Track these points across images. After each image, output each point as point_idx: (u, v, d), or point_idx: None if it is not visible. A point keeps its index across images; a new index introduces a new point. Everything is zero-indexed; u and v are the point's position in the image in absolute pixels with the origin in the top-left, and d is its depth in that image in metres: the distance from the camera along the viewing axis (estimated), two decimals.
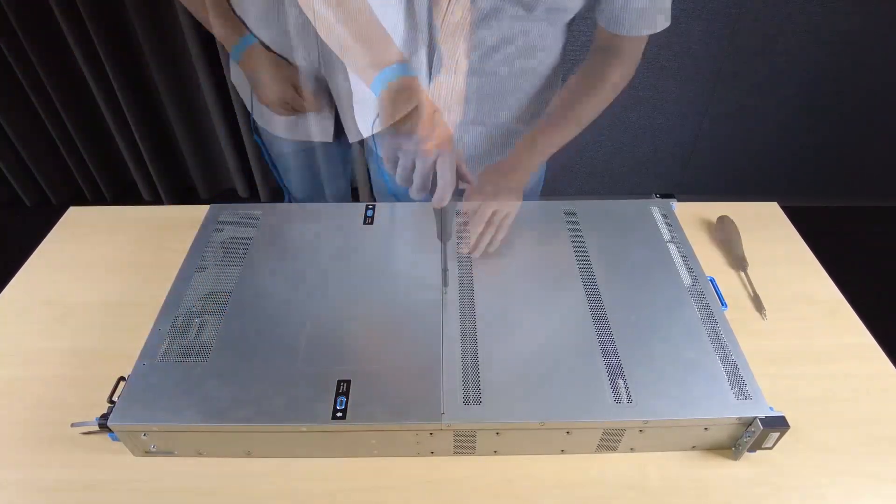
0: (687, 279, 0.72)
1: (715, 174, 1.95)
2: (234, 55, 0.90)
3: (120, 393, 0.59)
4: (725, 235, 0.86)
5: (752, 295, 0.79)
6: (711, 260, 0.84)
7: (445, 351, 0.63)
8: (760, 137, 1.84)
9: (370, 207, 0.82)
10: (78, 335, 0.73)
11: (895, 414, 0.65)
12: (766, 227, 0.90)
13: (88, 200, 1.99)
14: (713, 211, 0.91)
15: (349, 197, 1.16)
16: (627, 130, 1.80)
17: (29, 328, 0.74)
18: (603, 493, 0.59)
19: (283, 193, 1.16)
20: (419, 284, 0.71)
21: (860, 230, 1.91)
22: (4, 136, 1.77)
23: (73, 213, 0.93)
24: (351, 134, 0.92)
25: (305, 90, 0.91)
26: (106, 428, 0.57)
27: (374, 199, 1.11)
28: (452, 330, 0.65)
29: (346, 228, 0.79)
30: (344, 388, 0.59)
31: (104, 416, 0.57)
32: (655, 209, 0.83)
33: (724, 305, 0.70)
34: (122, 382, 0.61)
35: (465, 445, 0.60)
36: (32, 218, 1.91)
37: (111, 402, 0.60)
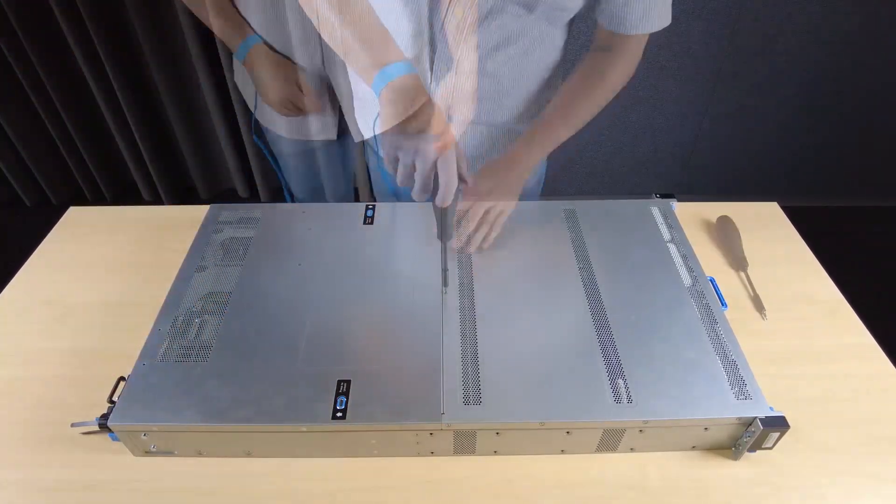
0: (687, 279, 0.72)
1: (715, 174, 1.95)
2: (238, 55, 0.90)
3: (120, 393, 0.59)
4: (725, 235, 0.86)
5: (752, 295, 0.79)
6: (711, 260, 0.84)
7: (445, 351, 0.63)
8: (760, 137, 1.84)
9: (370, 207, 0.82)
10: (78, 335, 0.73)
11: (895, 414, 0.65)
12: (766, 227, 0.90)
13: (88, 200, 1.99)
14: (713, 211, 0.91)
15: (352, 196, 1.16)
16: (627, 130, 1.80)
17: (29, 328, 0.74)
18: (603, 493, 0.59)
19: (283, 194, 1.16)
20: (419, 284, 0.71)
21: (860, 230, 1.91)
22: (4, 136, 1.77)
23: (73, 213, 0.93)
24: (355, 133, 0.92)
25: (309, 90, 0.91)
26: (106, 428, 0.57)
27: (374, 199, 1.10)
28: (452, 330, 0.65)
29: (346, 228, 0.79)
30: (344, 388, 0.59)
31: (104, 416, 0.57)
32: (655, 209, 0.83)
33: (724, 305, 0.70)
34: (122, 382, 0.61)
35: (465, 445, 0.60)
36: (32, 218, 1.91)
37: (111, 402, 0.60)
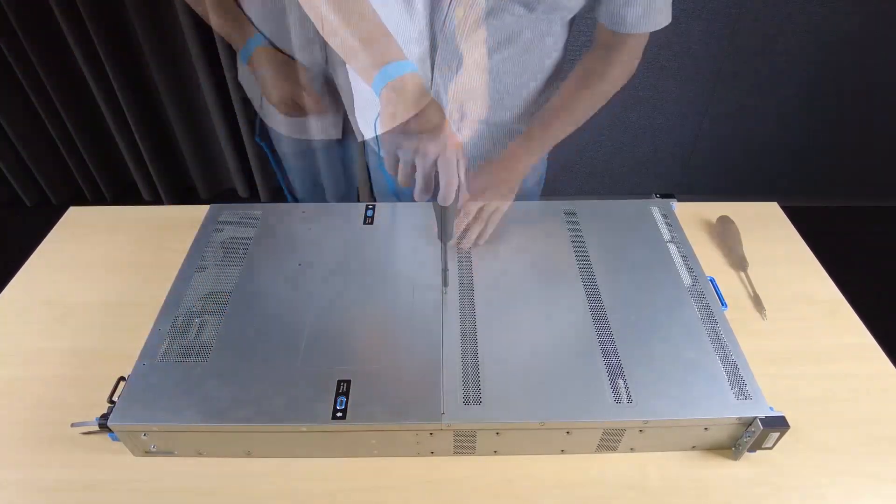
0: (687, 279, 0.72)
1: (715, 174, 1.94)
2: (242, 56, 0.90)
3: (120, 393, 0.59)
4: (725, 235, 0.86)
5: (752, 295, 0.79)
6: (711, 260, 0.84)
7: (445, 351, 0.63)
8: (760, 137, 1.84)
9: (370, 207, 0.82)
10: (78, 335, 0.73)
11: (895, 414, 0.65)
12: (766, 227, 0.90)
13: (88, 200, 1.99)
14: (713, 211, 0.91)
15: (355, 196, 1.16)
16: (627, 130, 1.80)
17: (29, 328, 0.74)
18: (603, 493, 0.59)
19: (283, 194, 1.15)
20: (419, 284, 0.71)
21: (860, 230, 1.91)
22: (4, 136, 1.77)
23: (73, 213, 0.93)
24: (358, 133, 0.92)
25: (313, 90, 0.91)
26: (106, 428, 0.57)
27: (374, 198, 1.10)
28: (452, 330, 0.65)
29: (346, 228, 0.79)
30: (344, 388, 0.59)
31: (104, 416, 0.57)
32: (655, 209, 0.83)
33: (724, 305, 0.70)
34: (122, 382, 0.61)
35: (465, 445, 0.60)
36: (32, 218, 1.91)
37: (111, 402, 0.60)
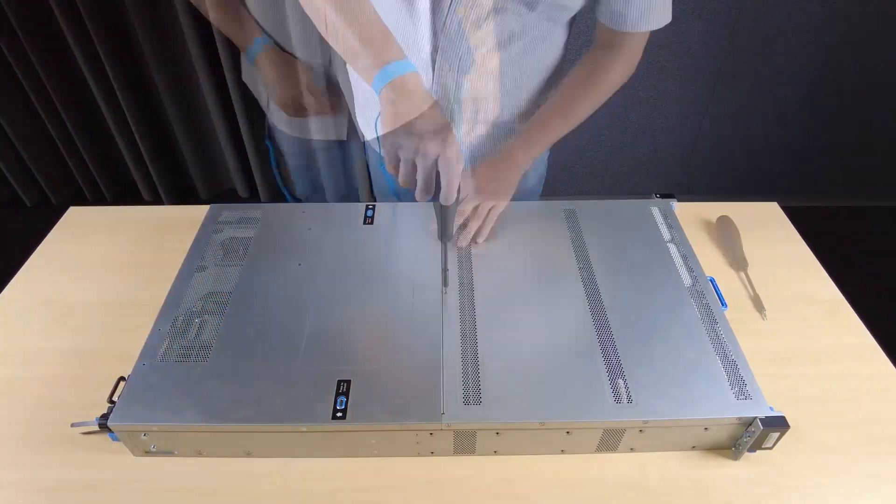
0: (687, 279, 0.72)
1: (715, 174, 1.94)
2: (248, 57, 0.90)
3: (120, 393, 0.59)
4: (725, 235, 0.86)
5: (752, 295, 0.79)
6: (711, 260, 0.84)
7: (445, 351, 0.63)
8: (760, 137, 1.84)
9: (370, 207, 0.82)
10: (78, 335, 0.73)
11: (895, 414, 0.65)
12: (766, 227, 0.90)
13: (88, 200, 1.99)
14: (713, 211, 0.91)
15: (356, 196, 1.16)
16: (627, 130, 1.80)
17: (29, 328, 0.74)
18: (603, 493, 0.59)
19: (283, 195, 1.16)
20: (419, 284, 0.71)
21: (860, 230, 1.91)
22: (4, 136, 1.77)
23: (73, 213, 0.93)
24: (361, 133, 0.92)
25: (318, 91, 0.91)
26: (106, 428, 0.57)
27: (374, 198, 1.10)
28: (452, 330, 0.65)
29: (346, 228, 0.79)
30: (344, 388, 0.59)
31: (104, 416, 0.57)
32: (655, 209, 0.83)
33: (724, 305, 0.70)
34: (122, 382, 0.61)
35: (465, 445, 0.60)
36: (32, 218, 1.91)
37: (111, 402, 0.60)
